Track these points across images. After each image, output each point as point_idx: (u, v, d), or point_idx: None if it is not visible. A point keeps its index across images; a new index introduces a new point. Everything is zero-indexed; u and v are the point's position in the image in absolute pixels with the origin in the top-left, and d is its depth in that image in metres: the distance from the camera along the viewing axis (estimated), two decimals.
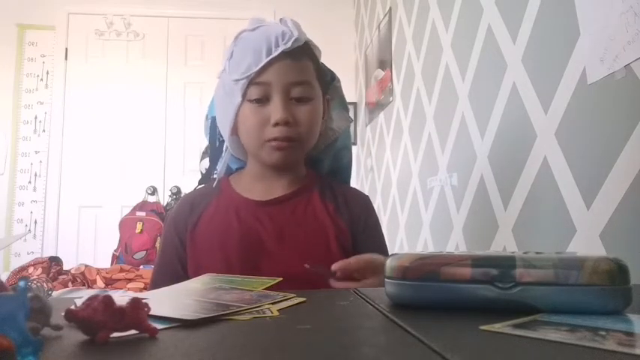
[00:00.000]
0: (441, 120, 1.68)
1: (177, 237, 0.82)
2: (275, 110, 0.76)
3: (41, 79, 3.25)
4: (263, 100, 0.77)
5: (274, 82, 0.76)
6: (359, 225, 0.84)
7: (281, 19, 0.81)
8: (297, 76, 0.77)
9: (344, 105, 0.96)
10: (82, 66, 3.20)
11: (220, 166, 0.89)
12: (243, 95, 0.77)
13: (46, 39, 3.24)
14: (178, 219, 0.84)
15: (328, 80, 0.90)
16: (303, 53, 0.78)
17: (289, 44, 0.75)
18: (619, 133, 0.80)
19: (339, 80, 0.96)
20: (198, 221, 0.82)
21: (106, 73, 3.20)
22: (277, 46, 0.75)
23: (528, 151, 1.08)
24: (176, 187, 2.72)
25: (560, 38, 0.97)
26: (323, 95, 0.84)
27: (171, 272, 0.79)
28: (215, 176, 0.90)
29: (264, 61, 0.75)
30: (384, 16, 2.47)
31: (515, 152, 1.15)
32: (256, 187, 0.84)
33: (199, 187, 0.93)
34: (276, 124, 0.76)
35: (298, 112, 0.78)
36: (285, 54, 0.75)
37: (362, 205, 0.88)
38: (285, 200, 0.82)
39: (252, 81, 0.76)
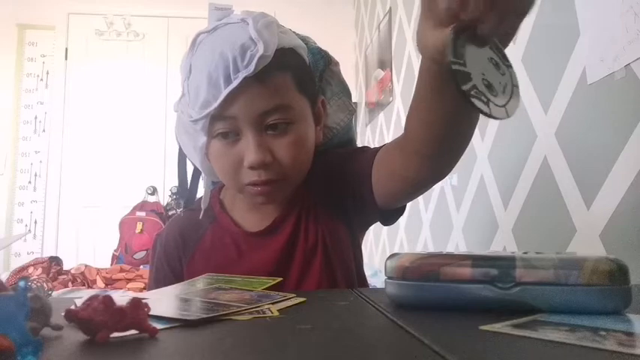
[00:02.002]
0: None
1: (169, 268, 0.74)
2: (247, 151, 0.62)
3: (41, 79, 3.26)
4: (232, 135, 0.63)
5: (241, 115, 0.62)
6: (343, 183, 0.70)
7: (244, 17, 0.63)
8: (268, 103, 0.62)
9: (344, 90, 0.79)
10: (82, 66, 3.20)
11: (205, 189, 0.77)
12: (208, 133, 0.64)
13: (46, 39, 3.24)
14: (169, 250, 0.75)
15: (322, 69, 0.76)
16: (274, 66, 0.61)
17: (252, 68, 0.59)
18: (619, 133, 0.80)
19: (336, 63, 0.80)
20: (195, 254, 0.73)
21: (106, 73, 3.20)
22: (237, 70, 0.59)
23: (528, 151, 1.08)
24: (176, 187, 2.72)
25: (560, 38, 0.97)
26: (312, 100, 0.70)
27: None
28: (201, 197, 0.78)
29: (224, 94, 0.60)
30: (384, 16, 2.47)
31: (515, 152, 1.15)
32: (249, 210, 0.73)
33: (184, 214, 0.78)
34: (252, 168, 0.63)
35: (277, 146, 0.63)
36: (249, 78, 0.59)
37: (339, 163, 0.72)
38: (279, 224, 0.71)
39: (215, 117, 0.62)
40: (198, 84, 0.62)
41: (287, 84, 0.64)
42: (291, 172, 0.66)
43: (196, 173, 0.80)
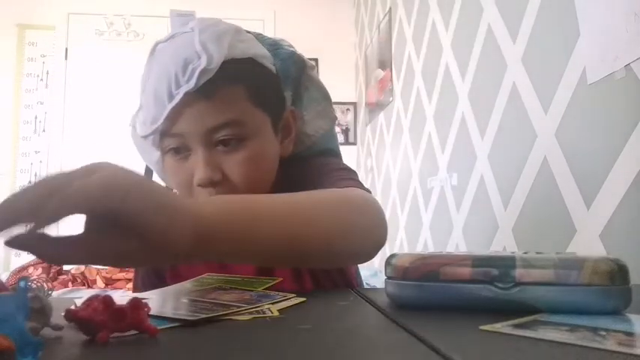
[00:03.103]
0: (441, 120, 1.69)
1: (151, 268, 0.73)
2: (196, 168, 0.59)
3: (41, 79, 3.26)
4: (184, 150, 0.61)
5: (188, 132, 0.59)
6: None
7: (194, 25, 0.60)
8: (216, 119, 0.58)
9: (323, 96, 0.74)
10: (82, 66, 3.20)
11: None
12: (160, 147, 0.62)
13: (46, 39, 3.24)
14: None
15: (296, 76, 0.71)
16: (222, 79, 0.57)
17: (192, 82, 0.56)
18: (619, 133, 0.80)
19: (312, 66, 0.74)
20: None
21: (106, 73, 3.20)
22: (178, 86, 0.56)
23: (528, 151, 1.08)
24: None
25: (560, 38, 0.97)
26: (279, 112, 0.66)
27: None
28: None
29: (166, 110, 0.57)
30: (384, 16, 2.47)
31: (515, 152, 1.15)
32: None
33: None
34: (200, 186, 0.60)
35: (228, 163, 0.60)
36: (194, 92, 0.56)
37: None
38: None
39: (163, 133, 0.60)
40: (148, 99, 0.60)
41: (238, 97, 0.60)
42: (244, 191, 0.60)
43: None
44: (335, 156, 0.77)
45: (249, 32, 0.67)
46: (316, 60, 2.86)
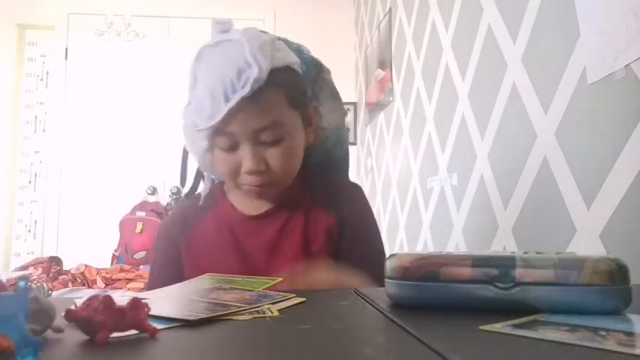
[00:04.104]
0: (441, 120, 1.69)
1: (173, 248, 0.82)
2: (245, 160, 0.71)
3: (41, 79, 3.26)
4: (232, 148, 0.72)
5: (238, 132, 0.70)
6: (349, 223, 0.81)
7: (240, 37, 0.69)
8: (261, 121, 0.70)
9: (334, 95, 0.89)
10: (82, 66, 3.20)
11: (204, 188, 0.85)
12: (211, 142, 0.73)
13: (46, 39, 3.24)
14: (172, 227, 0.83)
15: (314, 77, 0.84)
16: (267, 86, 0.68)
17: (247, 89, 0.66)
18: (619, 133, 0.80)
19: (327, 70, 0.89)
20: (193, 230, 0.81)
21: (106, 73, 3.20)
22: (234, 91, 0.66)
23: (528, 151, 1.08)
24: (176, 187, 2.73)
25: (560, 38, 0.97)
26: (303, 111, 0.77)
27: (167, 277, 0.78)
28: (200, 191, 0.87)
29: (224, 111, 0.67)
30: (384, 16, 2.47)
31: (515, 152, 1.15)
32: (248, 202, 0.81)
33: (189, 197, 0.88)
34: (248, 174, 0.72)
35: (270, 156, 0.72)
36: (245, 98, 0.66)
37: (351, 200, 0.84)
38: (275, 212, 0.80)
39: (216, 131, 0.71)
40: (202, 98, 0.69)
41: (278, 101, 0.71)
42: (281, 178, 0.75)
43: (199, 172, 0.88)
44: (343, 144, 0.92)
45: (280, 39, 0.77)
46: None
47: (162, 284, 0.75)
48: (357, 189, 0.88)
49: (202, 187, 0.85)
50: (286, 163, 0.74)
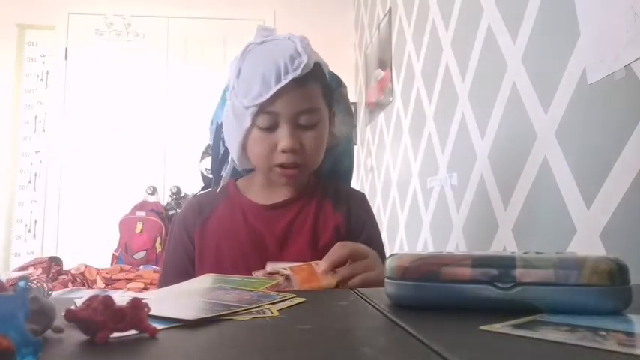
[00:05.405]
0: (441, 120, 1.69)
1: (187, 235, 0.85)
2: (283, 138, 0.78)
3: (41, 79, 3.26)
4: (272, 128, 0.79)
5: (282, 111, 0.77)
6: (358, 225, 0.87)
7: (289, 36, 0.79)
8: (304, 104, 0.78)
9: (348, 110, 0.98)
10: (82, 66, 3.20)
11: (225, 174, 0.93)
12: (253, 121, 0.79)
13: (46, 39, 3.24)
14: (187, 218, 0.87)
15: (334, 88, 0.91)
16: (311, 77, 0.77)
17: (298, 71, 0.74)
18: (619, 133, 0.80)
19: (345, 86, 0.98)
20: (207, 221, 0.85)
21: (106, 73, 3.20)
22: (287, 72, 0.74)
23: (528, 151, 1.08)
24: (176, 187, 2.72)
25: (560, 38, 0.97)
26: (329, 109, 0.86)
27: (181, 271, 0.82)
28: (221, 181, 0.94)
29: (274, 89, 0.74)
30: (384, 16, 2.47)
31: (515, 152, 1.15)
32: (263, 192, 0.88)
33: (203, 192, 0.95)
34: (284, 152, 0.78)
35: (305, 138, 0.80)
36: (293, 81, 0.75)
37: (360, 205, 0.92)
38: (288, 204, 0.86)
39: (261, 109, 0.77)
40: (250, 82, 0.76)
41: (318, 92, 0.81)
42: (311, 161, 0.83)
43: (222, 161, 0.94)
44: (350, 155, 1.02)
45: None
46: None
47: (174, 270, 0.84)
48: (364, 196, 0.95)
49: (224, 174, 0.93)
50: (318, 147, 0.82)
